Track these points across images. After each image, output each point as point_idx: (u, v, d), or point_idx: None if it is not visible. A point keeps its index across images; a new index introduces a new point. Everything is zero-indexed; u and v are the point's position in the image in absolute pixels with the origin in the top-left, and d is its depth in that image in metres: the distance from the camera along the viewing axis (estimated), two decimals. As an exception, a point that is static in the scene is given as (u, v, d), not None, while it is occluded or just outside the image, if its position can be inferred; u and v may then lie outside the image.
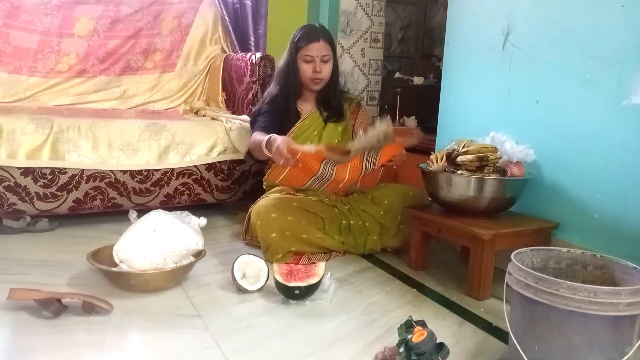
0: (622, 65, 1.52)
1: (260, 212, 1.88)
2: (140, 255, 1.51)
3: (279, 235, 1.83)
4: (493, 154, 1.70)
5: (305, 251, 1.89)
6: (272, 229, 1.84)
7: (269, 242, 1.84)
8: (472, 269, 1.64)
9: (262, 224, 1.85)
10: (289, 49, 2.15)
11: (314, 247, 1.91)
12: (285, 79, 2.15)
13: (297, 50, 2.11)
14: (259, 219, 1.87)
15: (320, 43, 2.10)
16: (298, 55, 2.11)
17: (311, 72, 2.11)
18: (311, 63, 2.11)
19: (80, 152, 2.07)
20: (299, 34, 2.13)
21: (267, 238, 1.84)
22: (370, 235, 1.99)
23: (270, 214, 1.86)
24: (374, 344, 1.29)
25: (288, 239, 1.85)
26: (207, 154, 2.32)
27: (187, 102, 2.93)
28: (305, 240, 1.88)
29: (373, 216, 2.01)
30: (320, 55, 2.10)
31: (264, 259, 1.76)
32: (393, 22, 3.80)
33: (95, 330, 1.29)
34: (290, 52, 2.13)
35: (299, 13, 3.33)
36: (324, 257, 1.91)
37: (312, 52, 2.09)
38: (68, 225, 2.17)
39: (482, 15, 2.00)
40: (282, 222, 1.85)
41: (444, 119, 2.21)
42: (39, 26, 2.63)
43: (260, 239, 1.88)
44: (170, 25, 2.92)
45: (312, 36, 2.11)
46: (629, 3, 1.51)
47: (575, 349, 1.03)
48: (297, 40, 2.11)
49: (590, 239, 1.62)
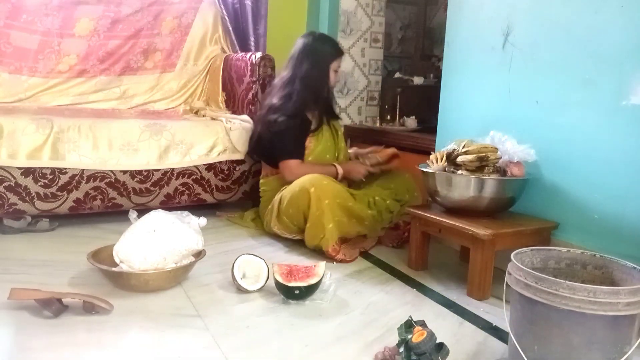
0: (622, 65, 1.52)
1: (313, 181, 1.94)
2: (140, 255, 1.51)
3: (331, 203, 1.92)
4: (493, 154, 1.70)
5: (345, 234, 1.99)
6: (326, 195, 1.92)
7: (322, 209, 1.91)
8: (472, 269, 1.64)
9: (316, 190, 1.92)
10: (315, 58, 2.15)
11: (354, 221, 2.00)
12: (321, 88, 2.18)
13: (330, 61, 2.18)
14: (312, 185, 1.92)
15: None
16: (331, 66, 2.19)
17: (334, 80, 2.26)
18: (337, 72, 2.24)
19: (80, 152, 2.07)
20: (331, 45, 2.22)
21: (320, 205, 1.91)
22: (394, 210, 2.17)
23: (322, 181, 1.95)
24: (374, 344, 1.29)
25: (338, 208, 1.94)
26: (207, 154, 2.32)
27: (187, 102, 2.93)
28: (350, 208, 1.98)
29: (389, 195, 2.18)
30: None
31: (312, 238, 1.94)
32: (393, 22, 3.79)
33: (95, 330, 1.30)
34: (320, 62, 2.16)
35: (299, 13, 3.33)
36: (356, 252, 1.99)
37: (341, 62, 2.26)
38: (68, 225, 2.17)
39: (482, 15, 2.00)
40: (333, 189, 1.95)
41: (444, 119, 2.21)
42: (40, 26, 2.63)
43: (314, 206, 1.91)
44: (170, 25, 2.92)
45: (341, 48, 2.27)
46: (628, 3, 1.51)
47: (575, 348, 1.03)
48: (331, 51, 2.19)
49: (590, 239, 1.63)
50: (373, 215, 2.08)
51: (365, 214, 2.04)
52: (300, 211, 1.97)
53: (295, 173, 2.07)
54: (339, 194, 1.97)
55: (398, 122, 3.05)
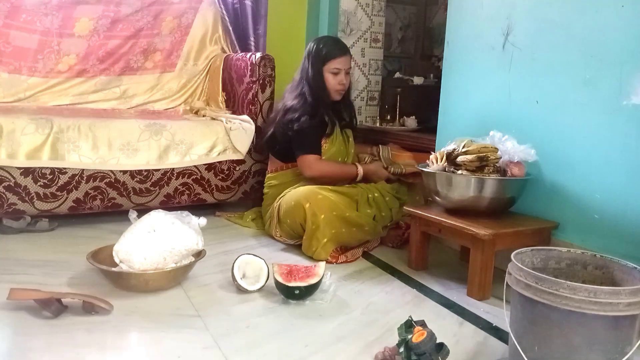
0: (622, 65, 1.52)
1: (308, 195, 1.95)
2: (140, 255, 1.51)
3: (327, 216, 1.91)
4: (493, 154, 1.70)
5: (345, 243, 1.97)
6: (322, 210, 1.91)
7: (317, 224, 1.90)
8: (472, 269, 1.64)
9: (311, 206, 1.92)
10: (312, 60, 2.17)
11: (353, 230, 1.97)
12: (315, 91, 2.16)
13: (323, 62, 2.16)
14: (307, 201, 1.93)
15: (347, 56, 2.21)
16: (325, 67, 2.17)
17: (337, 84, 2.19)
18: (337, 75, 2.18)
19: (80, 152, 2.07)
20: (325, 46, 2.18)
21: (315, 220, 1.90)
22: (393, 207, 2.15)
23: (317, 195, 1.94)
24: (374, 344, 1.29)
25: (335, 220, 1.92)
26: (207, 154, 2.32)
27: (187, 102, 2.92)
28: (348, 218, 1.95)
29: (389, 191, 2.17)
30: (345, 68, 2.20)
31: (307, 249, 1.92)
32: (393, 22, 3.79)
33: (95, 330, 1.29)
34: (315, 64, 2.17)
35: (299, 13, 3.33)
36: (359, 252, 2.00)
37: (340, 65, 2.18)
38: (68, 225, 2.17)
39: (482, 15, 2.00)
40: (329, 203, 1.94)
41: (444, 119, 2.21)
42: (39, 26, 2.63)
43: (309, 221, 1.92)
44: (170, 25, 2.92)
45: (341, 49, 2.20)
46: (629, 3, 1.51)
47: (575, 349, 1.03)
48: (325, 53, 2.16)
49: (590, 239, 1.62)
50: (372, 215, 2.06)
51: (365, 220, 2.00)
52: (297, 223, 1.98)
53: (313, 168, 2.11)
54: (335, 206, 1.94)
55: (398, 122, 3.04)
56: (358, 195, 2.07)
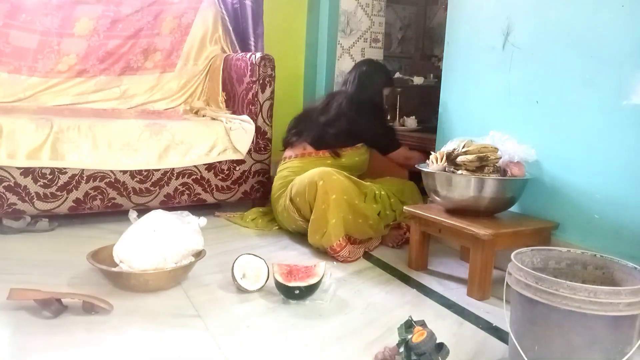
0: (622, 65, 1.52)
1: (323, 175, 1.98)
2: (140, 255, 1.51)
3: (338, 198, 1.94)
4: (493, 154, 1.70)
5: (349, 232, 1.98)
6: (334, 190, 1.95)
7: (328, 203, 1.93)
8: (472, 269, 1.64)
9: (324, 184, 1.95)
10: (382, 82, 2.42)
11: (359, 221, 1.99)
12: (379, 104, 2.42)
13: (387, 85, 2.46)
14: (321, 179, 1.96)
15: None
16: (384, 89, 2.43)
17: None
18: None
19: (80, 152, 2.07)
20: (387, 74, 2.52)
21: (326, 199, 1.93)
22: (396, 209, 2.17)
23: (332, 176, 1.98)
24: (374, 344, 1.29)
25: (345, 204, 1.96)
26: (207, 154, 2.32)
27: (187, 102, 2.93)
28: (356, 207, 1.98)
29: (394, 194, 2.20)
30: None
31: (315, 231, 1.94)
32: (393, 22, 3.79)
33: (95, 330, 1.29)
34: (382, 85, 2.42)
35: (299, 13, 3.33)
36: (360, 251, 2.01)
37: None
38: (68, 225, 2.17)
39: (482, 15, 2.00)
40: (342, 185, 1.98)
41: (444, 119, 2.21)
42: (39, 26, 2.63)
43: (319, 199, 1.94)
44: (170, 25, 2.92)
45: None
46: (628, 3, 1.51)
47: (575, 349, 1.03)
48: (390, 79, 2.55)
49: (591, 239, 1.62)
50: (378, 210, 2.08)
51: (371, 213, 2.03)
52: (306, 201, 2.00)
53: (406, 156, 2.36)
54: (346, 190, 1.98)
55: (398, 122, 3.05)
56: (367, 188, 2.09)
